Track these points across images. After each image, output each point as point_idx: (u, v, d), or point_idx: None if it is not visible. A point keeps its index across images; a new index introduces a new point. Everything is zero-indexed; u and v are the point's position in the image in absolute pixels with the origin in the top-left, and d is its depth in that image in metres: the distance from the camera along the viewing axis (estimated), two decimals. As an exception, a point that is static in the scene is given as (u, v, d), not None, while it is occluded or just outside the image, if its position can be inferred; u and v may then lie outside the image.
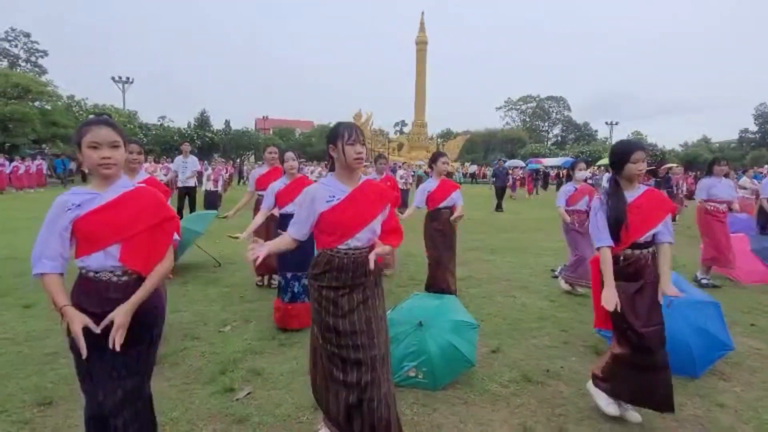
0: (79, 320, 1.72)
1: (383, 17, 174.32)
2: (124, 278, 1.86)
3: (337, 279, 2.23)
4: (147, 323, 1.91)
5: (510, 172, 23.27)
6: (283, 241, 2.32)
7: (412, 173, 19.92)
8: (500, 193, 16.36)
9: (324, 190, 2.27)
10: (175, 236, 2.05)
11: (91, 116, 1.96)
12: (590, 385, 2.94)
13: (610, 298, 2.56)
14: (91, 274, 1.84)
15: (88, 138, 1.81)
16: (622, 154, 2.70)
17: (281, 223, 4.35)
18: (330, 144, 2.28)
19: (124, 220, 1.85)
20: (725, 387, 3.28)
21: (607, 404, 2.81)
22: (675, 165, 14.42)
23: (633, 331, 2.63)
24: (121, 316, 1.77)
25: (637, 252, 2.69)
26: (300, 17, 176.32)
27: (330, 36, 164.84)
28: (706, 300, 3.69)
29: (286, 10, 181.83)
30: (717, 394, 3.17)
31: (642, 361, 2.65)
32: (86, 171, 1.91)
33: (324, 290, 2.24)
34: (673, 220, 12.09)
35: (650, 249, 2.73)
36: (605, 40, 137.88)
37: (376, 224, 2.31)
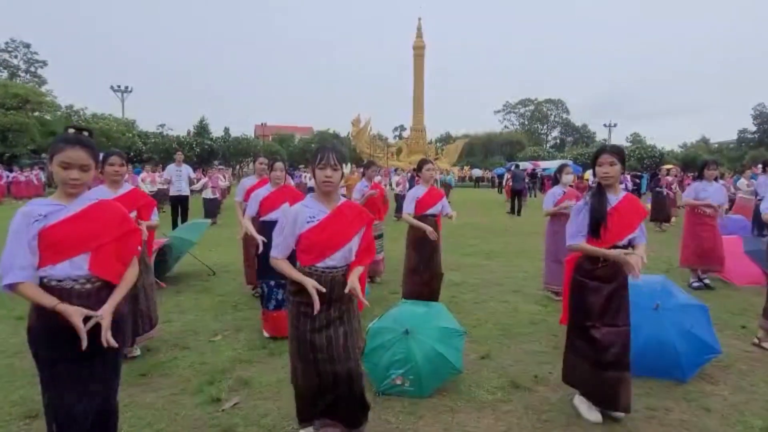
0: (77, 312, 1.76)
1: (381, 22, 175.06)
2: (87, 286, 1.91)
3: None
4: (112, 331, 1.92)
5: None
6: (283, 264, 2.40)
7: (442, 179, 18.86)
8: (517, 196, 16.19)
9: (305, 211, 2.37)
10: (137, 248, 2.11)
11: (70, 131, 1.96)
12: (575, 397, 3.00)
13: (624, 256, 2.59)
14: (54, 282, 1.86)
15: (61, 157, 1.84)
16: (593, 157, 2.83)
17: (262, 229, 4.37)
18: (309, 165, 2.44)
19: (91, 231, 1.89)
20: (713, 391, 3.28)
21: (588, 411, 2.86)
22: (669, 167, 14.36)
23: (596, 329, 2.72)
24: (107, 318, 1.85)
25: None
26: (297, 23, 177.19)
27: (328, 41, 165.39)
28: (694, 303, 3.69)
29: (284, 16, 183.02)
30: (704, 398, 3.17)
31: (603, 358, 2.72)
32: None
33: (302, 306, 2.33)
34: (667, 221, 12.08)
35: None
36: (603, 43, 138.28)
37: (353, 245, 2.40)
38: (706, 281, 6.06)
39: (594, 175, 2.87)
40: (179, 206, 10.71)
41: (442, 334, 3.30)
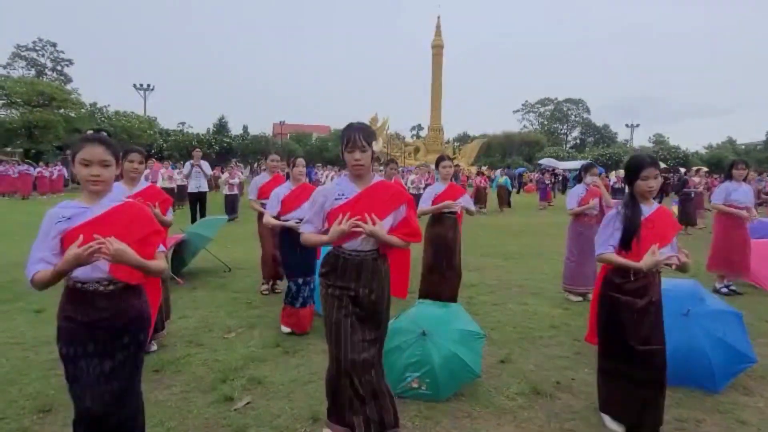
0: (72, 251, 1.72)
1: (400, 21, 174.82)
2: (111, 287, 1.92)
3: (342, 278, 2.27)
4: (132, 330, 1.95)
5: (532, 175, 22.81)
6: (311, 236, 2.33)
7: (496, 181, 18.32)
8: (507, 193, 18.66)
9: (335, 189, 2.31)
10: (161, 248, 2.06)
11: (89, 132, 2.02)
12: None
13: (652, 258, 2.46)
14: (79, 284, 1.89)
15: (81, 155, 1.87)
16: (633, 170, 2.66)
17: (282, 229, 4.31)
18: (340, 151, 2.33)
19: (112, 233, 1.87)
20: (747, 402, 3.10)
21: (611, 422, 2.75)
22: (696, 168, 13.93)
23: (627, 347, 2.59)
24: (120, 247, 1.77)
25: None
26: (315, 22, 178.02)
27: (346, 40, 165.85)
28: (727, 310, 3.51)
29: (302, 16, 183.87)
30: (738, 410, 3.00)
31: (636, 376, 2.60)
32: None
33: (330, 288, 2.29)
34: (694, 225, 11.71)
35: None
36: (626, 41, 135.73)
37: (384, 225, 2.28)
38: (733, 287, 5.82)
39: (629, 185, 2.71)
40: (198, 202, 10.81)
41: (461, 336, 3.19)
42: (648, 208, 2.67)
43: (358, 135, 2.19)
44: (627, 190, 2.77)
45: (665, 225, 2.67)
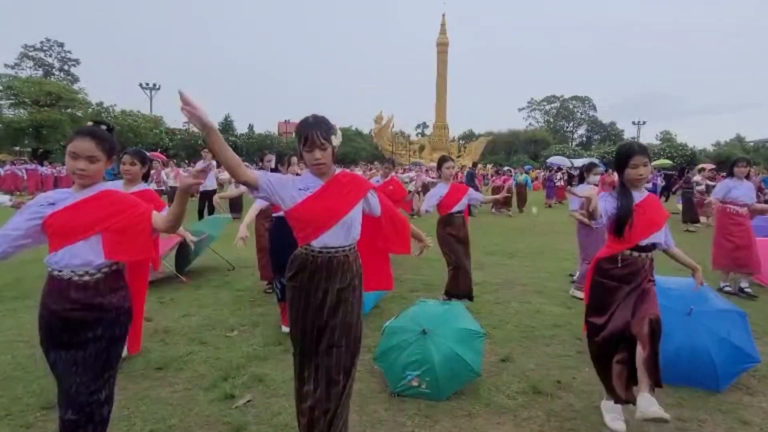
0: None
1: (404, 19, 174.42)
2: (86, 278, 1.90)
3: (310, 280, 2.14)
4: (106, 322, 1.92)
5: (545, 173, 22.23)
6: (250, 175, 2.10)
7: (515, 179, 16.32)
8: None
9: (300, 180, 2.20)
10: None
11: (89, 123, 2.03)
12: (602, 403, 2.88)
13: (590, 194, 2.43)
14: (56, 272, 1.90)
15: (70, 146, 1.88)
16: (621, 158, 2.68)
17: (276, 226, 4.29)
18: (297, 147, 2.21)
19: (90, 218, 1.89)
20: (750, 402, 3.08)
21: (612, 420, 2.75)
22: (699, 168, 13.76)
23: (608, 331, 2.63)
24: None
25: (635, 254, 2.67)
26: (320, 21, 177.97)
27: (351, 39, 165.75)
28: (731, 309, 3.48)
29: (307, 15, 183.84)
30: (741, 409, 2.98)
31: (621, 351, 2.62)
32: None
33: (296, 291, 2.18)
34: (696, 222, 11.59)
35: (649, 254, 2.70)
36: (633, 38, 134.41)
37: (354, 218, 2.18)
38: (748, 289, 5.66)
39: (619, 174, 2.73)
40: (206, 200, 11.00)
41: (461, 335, 3.19)
42: (639, 195, 2.71)
43: (316, 132, 2.05)
44: (619, 179, 2.78)
45: (655, 211, 2.71)
